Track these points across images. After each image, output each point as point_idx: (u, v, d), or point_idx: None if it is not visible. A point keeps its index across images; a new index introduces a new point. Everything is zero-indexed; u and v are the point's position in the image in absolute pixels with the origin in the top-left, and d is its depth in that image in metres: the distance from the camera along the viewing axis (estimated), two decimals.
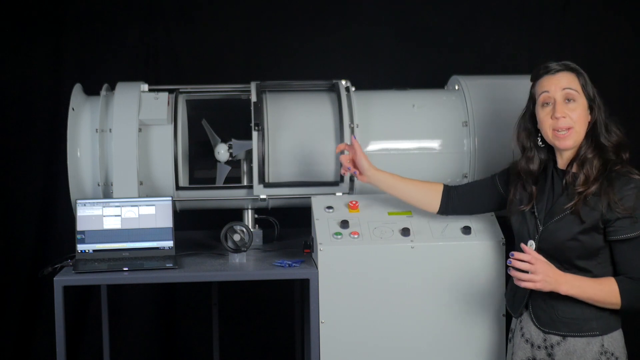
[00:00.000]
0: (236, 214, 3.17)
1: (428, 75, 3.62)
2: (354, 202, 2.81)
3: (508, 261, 2.12)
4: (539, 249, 2.20)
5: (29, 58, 3.73)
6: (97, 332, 3.57)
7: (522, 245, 2.17)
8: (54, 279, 2.63)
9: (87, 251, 2.85)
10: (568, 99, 2.19)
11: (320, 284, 2.64)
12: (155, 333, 3.90)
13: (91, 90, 3.13)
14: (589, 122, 2.22)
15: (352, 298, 2.65)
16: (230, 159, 3.11)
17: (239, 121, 3.19)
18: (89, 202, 2.89)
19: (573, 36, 3.86)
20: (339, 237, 2.68)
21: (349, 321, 2.66)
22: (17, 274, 3.76)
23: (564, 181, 2.22)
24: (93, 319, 3.73)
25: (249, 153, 3.09)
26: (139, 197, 2.93)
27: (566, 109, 2.18)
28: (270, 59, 3.79)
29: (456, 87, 3.19)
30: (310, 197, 2.88)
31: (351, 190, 3.03)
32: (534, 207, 2.27)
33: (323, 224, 2.74)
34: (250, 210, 3.17)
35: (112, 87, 3.12)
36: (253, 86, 3.11)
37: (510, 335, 2.42)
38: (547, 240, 2.19)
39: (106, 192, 2.98)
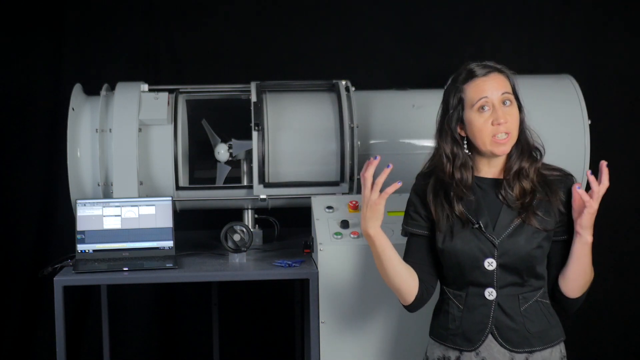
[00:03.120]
0: (236, 214, 3.17)
1: (428, 75, 3.62)
2: (354, 202, 2.81)
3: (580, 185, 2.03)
4: (499, 265, 2.03)
5: (29, 58, 3.72)
6: (97, 332, 3.57)
7: (579, 185, 2.04)
8: (54, 279, 2.63)
9: (87, 251, 2.85)
10: (505, 102, 2.04)
11: (320, 284, 2.64)
12: (155, 333, 3.90)
13: (91, 90, 3.13)
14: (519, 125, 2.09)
15: (352, 298, 2.65)
16: (230, 159, 3.11)
17: (239, 121, 3.19)
18: (89, 202, 2.89)
19: (573, 36, 3.86)
20: (339, 237, 2.68)
21: (349, 321, 2.66)
22: (17, 274, 3.75)
23: (502, 191, 2.06)
24: (93, 319, 3.73)
25: (249, 153, 3.09)
26: (139, 197, 2.93)
27: (506, 113, 2.03)
28: (270, 59, 3.79)
29: None
30: (310, 197, 2.88)
31: (351, 190, 3.03)
32: (477, 223, 2.05)
33: (323, 224, 2.74)
34: (250, 210, 3.17)
35: (112, 87, 3.12)
36: (253, 86, 3.11)
37: None
38: (509, 253, 2.02)
39: (106, 192, 2.98)
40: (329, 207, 2.81)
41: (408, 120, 3.09)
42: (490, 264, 2.04)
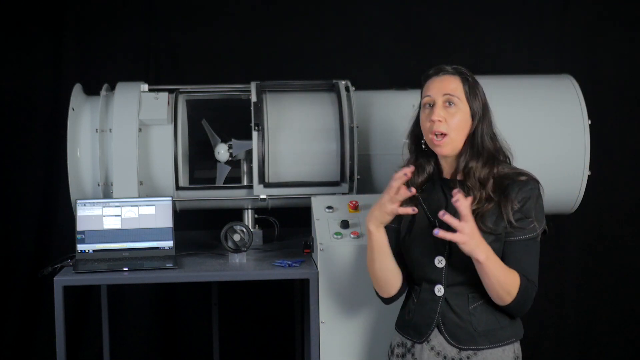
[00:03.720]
0: (236, 214, 3.17)
1: None
2: (354, 202, 2.81)
3: (441, 213, 1.94)
4: (449, 264, 2.09)
5: (29, 58, 3.73)
6: (97, 332, 3.57)
7: (443, 212, 1.96)
8: (54, 279, 2.63)
9: (87, 251, 2.85)
10: (449, 103, 2.08)
11: (320, 284, 2.64)
12: (155, 333, 3.90)
13: (91, 90, 3.13)
14: (470, 130, 2.10)
15: (352, 298, 2.65)
16: (230, 159, 3.11)
17: (239, 121, 3.19)
18: (89, 202, 2.89)
19: (573, 36, 3.86)
20: (339, 237, 2.68)
21: (349, 321, 2.66)
22: (17, 274, 3.76)
23: (449, 191, 2.07)
24: (93, 319, 3.73)
25: (249, 153, 3.09)
26: (139, 197, 2.93)
27: (445, 113, 2.08)
28: (270, 59, 3.79)
29: None
30: (310, 197, 2.88)
31: (351, 190, 3.03)
32: (433, 221, 2.12)
33: (323, 224, 2.74)
34: (250, 210, 3.17)
35: (112, 87, 3.12)
36: (253, 86, 3.11)
37: (401, 350, 2.22)
38: (459, 253, 2.01)
39: (106, 192, 2.98)
40: (329, 207, 2.81)
41: (408, 120, 3.08)
42: (440, 261, 2.11)
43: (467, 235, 1.93)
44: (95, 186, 2.98)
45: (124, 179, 2.93)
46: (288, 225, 3.24)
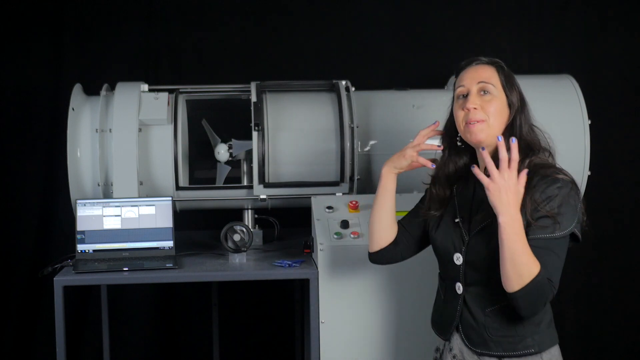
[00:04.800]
0: (236, 214, 3.17)
1: (428, 75, 3.62)
2: (354, 202, 2.81)
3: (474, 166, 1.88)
4: (465, 262, 2.01)
5: (29, 58, 3.73)
6: (97, 332, 3.57)
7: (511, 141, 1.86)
8: (54, 279, 2.63)
9: (87, 251, 2.85)
10: (484, 91, 2.00)
11: (320, 284, 2.64)
12: (155, 333, 3.90)
13: (91, 90, 3.13)
14: (507, 121, 2.01)
15: (352, 298, 2.65)
16: (230, 159, 3.11)
17: (239, 121, 3.19)
18: (89, 202, 2.89)
19: (573, 36, 3.86)
20: (339, 237, 2.68)
21: (349, 321, 2.66)
22: (17, 274, 3.75)
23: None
24: (93, 319, 3.73)
25: (249, 153, 3.09)
26: (139, 197, 2.93)
27: (480, 101, 1.99)
28: (270, 59, 3.79)
29: None
30: (310, 197, 2.88)
31: (351, 190, 3.03)
32: (457, 217, 2.06)
33: (323, 224, 2.74)
34: (250, 210, 3.17)
35: (112, 87, 3.12)
36: (253, 86, 3.11)
37: (436, 355, 2.19)
38: (474, 251, 1.98)
39: (106, 192, 2.98)
40: (329, 207, 2.81)
41: (408, 120, 3.09)
42: (457, 258, 2.04)
43: (495, 184, 1.82)
44: (95, 186, 2.98)
45: (124, 179, 2.93)
46: (288, 225, 3.24)
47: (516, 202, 1.84)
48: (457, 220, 2.06)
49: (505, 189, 1.83)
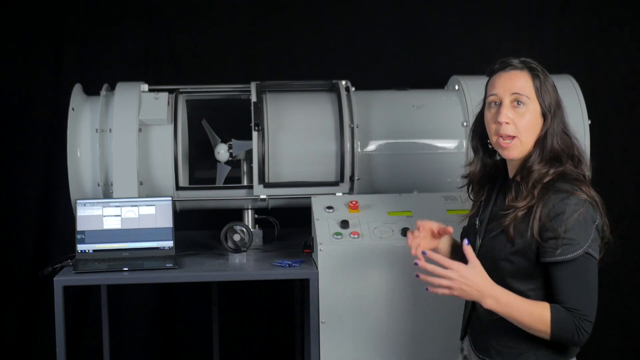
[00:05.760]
0: (236, 214, 3.17)
1: (428, 75, 3.62)
2: (354, 202, 2.80)
3: (414, 262, 1.85)
4: None
5: (29, 58, 3.72)
6: (97, 332, 3.57)
7: (463, 243, 1.87)
8: (54, 279, 2.63)
9: (87, 251, 2.85)
10: (517, 102, 1.91)
11: (320, 284, 2.64)
12: (155, 333, 3.90)
13: (91, 90, 3.13)
14: (540, 131, 1.93)
15: (352, 298, 2.65)
16: (230, 159, 3.11)
17: (239, 121, 3.19)
18: (89, 202, 2.89)
19: (573, 36, 3.85)
20: (339, 237, 2.68)
21: (349, 321, 2.66)
22: (17, 274, 3.75)
23: (509, 194, 1.95)
24: (93, 319, 3.73)
25: (249, 153, 3.09)
26: (139, 197, 2.93)
27: (513, 114, 1.91)
28: (270, 59, 3.79)
29: (456, 87, 3.19)
30: (310, 197, 2.88)
31: (351, 190, 3.03)
32: (477, 220, 2.03)
33: (323, 224, 2.74)
34: (250, 210, 3.17)
35: (112, 87, 3.12)
36: (253, 86, 3.11)
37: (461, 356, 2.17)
38: (484, 255, 1.93)
39: (106, 192, 2.98)
40: (329, 207, 2.81)
41: (408, 120, 3.09)
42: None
43: (452, 282, 1.80)
44: (95, 186, 2.98)
45: (124, 179, 2.93)
46: (288, 225, 3.24)
47: (482, 281, 1.82)
48: (475, 223, 2.05)
49: (461, 282, 1.81)
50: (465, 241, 1.87)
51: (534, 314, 1.82)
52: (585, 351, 4.06)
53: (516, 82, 1.92)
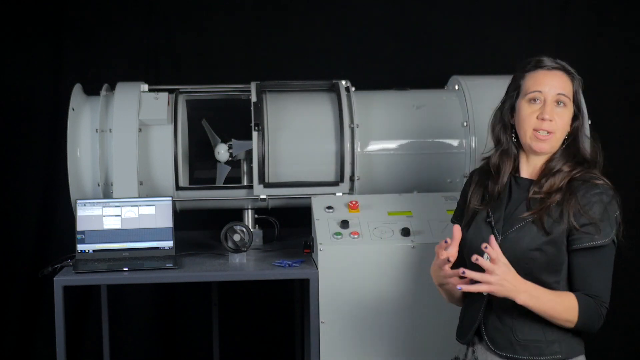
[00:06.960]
0: (236, 214, 3.16)
1: (428, 75, 3.62)
2: (354, 202, 2.81)
3: (483, 245, 1.85)
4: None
5: (29, 58, 3.72)
6: (97, 332, 3.57)
7: (486, 245, 1.87)
8: (54, 279, 2.63)
9: (87, 251, 2.85)
10: (559, 102, 2.01)
11: (320, 284, 2.64)
12: (155, 333, 3.90)
13: (91, 90, 3.13)
14: (569, 131, 2.04)
15: (352, 298, 2.65)
16: (230, 159, 3.11)
17: (239, 121, 3.19)
18: (89, 202, 2.89)
19: (573, 36, 3.85)
20: (339, 237, 2.68)
21: (349, 321, 2.66)
22: (17, 274, 3.75)
23: (530, 191, 2.02)
24: (93, 319, 3.73)
25: (249, 153, 3.09)
26: (139, 197, 2.93)
27: (554, 113, 2.00)
28: (270, 59, 3.79)
29: (456, 87, 3.19)
30: (310, 197, 2.88)
31: (351, 190, 3.03)
32: (490, 216, 2.04)
33: (323, 224, 2.74)
34: (250, 210, 3.17)
35: (112, 87, 3.12)
36: (253, 86, 3.11)
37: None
38: (508, 250, 1.93)
39: (106, 192, 2.98)
40: (329, 207, 2.81)
41: (408, 121, 3.09)
42: (487, 259, 1.93)
43: (495, 277, 1.84)
44: (95, 186, 2.98)
45: (124, 179, 2.93)
46: (288, 225, 3.24)
47: (515, 277, 1.87)
48: (488, 219, 2.05)
49: (501, 278, 1.85)
50: (491, 237, 1.90)
51: (564, 303, 1.91)
52: (588, 351, 4.06)
53: (560, 83, 2.02)
